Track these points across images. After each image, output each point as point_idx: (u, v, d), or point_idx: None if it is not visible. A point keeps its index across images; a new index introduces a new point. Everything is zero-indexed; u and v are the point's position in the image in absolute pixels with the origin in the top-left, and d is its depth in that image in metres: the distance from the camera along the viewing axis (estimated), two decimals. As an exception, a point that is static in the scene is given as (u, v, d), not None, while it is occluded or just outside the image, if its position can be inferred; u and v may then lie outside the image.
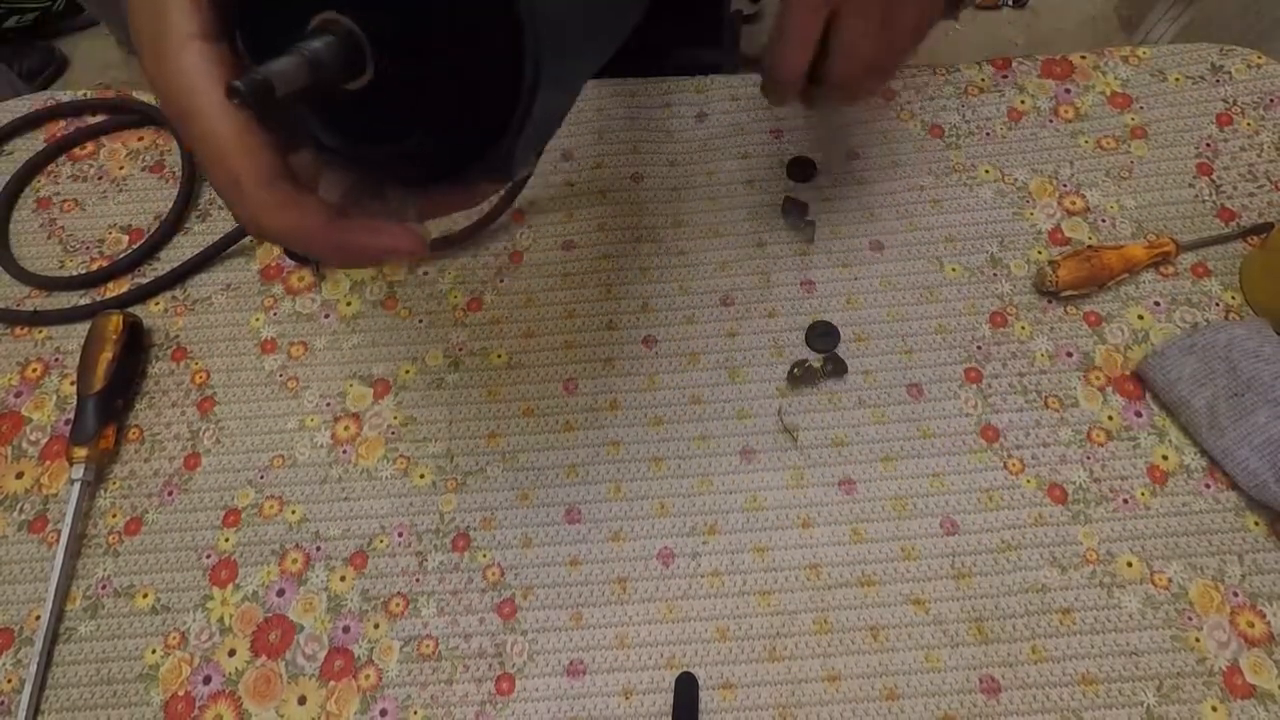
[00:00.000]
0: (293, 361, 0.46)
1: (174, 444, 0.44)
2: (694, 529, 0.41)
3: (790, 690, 0.37)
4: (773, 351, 0.45)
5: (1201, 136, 0.49)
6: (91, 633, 0.40)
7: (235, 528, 0.42)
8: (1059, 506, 0.40)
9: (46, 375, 0.47)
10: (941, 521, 0.40)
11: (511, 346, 0.46)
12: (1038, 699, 0.37)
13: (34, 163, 0.52)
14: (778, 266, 0.47)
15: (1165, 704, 0.36)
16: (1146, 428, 0.42)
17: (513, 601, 0.40)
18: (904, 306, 0.45)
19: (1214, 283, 0.45)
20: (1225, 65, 0.50)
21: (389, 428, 0.44)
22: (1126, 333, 0.44)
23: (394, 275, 0.48)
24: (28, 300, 0.49)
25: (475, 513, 0.42)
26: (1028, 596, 0.39)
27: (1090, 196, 0.48)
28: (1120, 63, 0.51)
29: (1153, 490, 0.40)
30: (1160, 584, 0.38)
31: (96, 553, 0.42)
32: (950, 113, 0.51)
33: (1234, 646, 0.37)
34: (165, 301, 0.49)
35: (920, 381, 0.43)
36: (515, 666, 0.39)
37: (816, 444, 0.42)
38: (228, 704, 0.39)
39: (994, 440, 0.42)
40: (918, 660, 0.38)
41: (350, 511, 0.42)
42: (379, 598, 0.40)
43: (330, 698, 0.38)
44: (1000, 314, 0.45)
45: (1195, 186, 0.47)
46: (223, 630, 0.40)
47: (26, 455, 0.45)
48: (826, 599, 0.39)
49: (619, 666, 0.38)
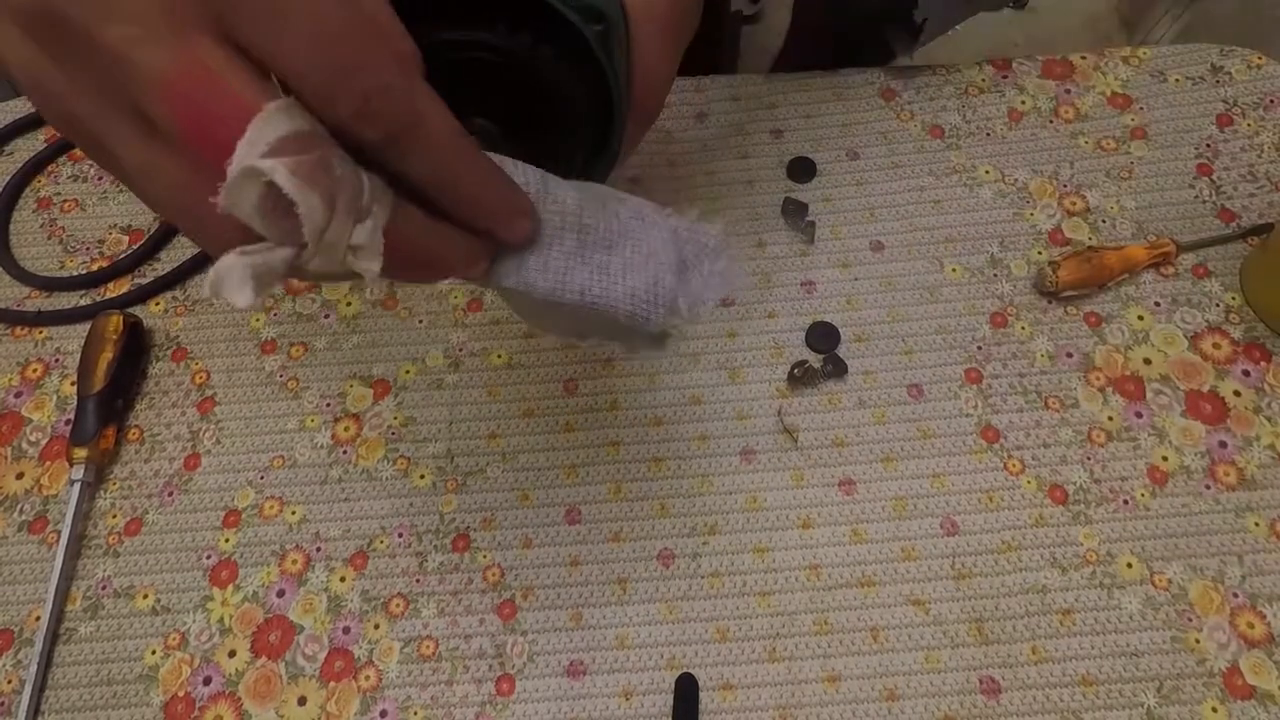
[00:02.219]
0: (293, 362, 0.46)
1: (174, 444, 0.44)
2: (694, 529, 0.41)
3: (790, 691, 0.37)
4: (773, 352, 0.45)
5: (1202, 137, 0.49)
6: (91, 633, 0.40)
7: (235, 528, 0.42)
8: (1059, 507, 0.40)
9: (46, 376, 0.47)
10: (941, 522, 0.40)
11: (511, 347, 0.46)
12: (1038, 700, 0.37)
13: (34, 163, 0.52)
14: (778, 267, 0.47)
15: (1165, 705, 0.36)
16: (1147, 428, 0.42)
17: (513, 602, 0.40)
18: (904, 307, 0.45)
19: (1214, 283, 0.45)
20: (1225, 66, 0.50)
21: (389, 428, 0.44)
22: (1127, 333, 0.44)
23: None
24: (28, 300, 0.49)
25: (475, 513, 0.42)
26: (1028, 597, 0.39)
27: (1090, 197, 0.47)
28: (1120, 63, 0.51)
29: (1153, 491, 0.40)
30: (1160, 585, 0.38)
31: (96, 553, 0.42)
32: (950, 113, 0.51)
33: (1234, 647, 0.37)
34: (165, 302, 0.49)
35: (920, 382, 0.43)
36: (515, 667, 0.39)
37: (816, 444, 0.42)
38: (228, 705, 0.38)
39: (994, 441, 0.42)
40: (918, 661, 0.38)
41: (350, 512, 0.42)
42: (379, 598, 0.40)
43: (330, 698, 0.38)
44: (1000, 314, 0.45)
45: (1195, 187, 0.47)
46: (223, 631, 0.40)
47: (26, 456, 0.45)
48: (826, 600, 0.39)
49: (619, 667, 0.38)
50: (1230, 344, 0.43)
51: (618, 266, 0.25)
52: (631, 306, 0.25)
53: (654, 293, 0.25)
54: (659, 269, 0.25)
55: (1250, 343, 0.43)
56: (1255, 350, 0.43)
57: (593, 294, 0.24)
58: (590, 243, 0.25)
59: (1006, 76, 0.52)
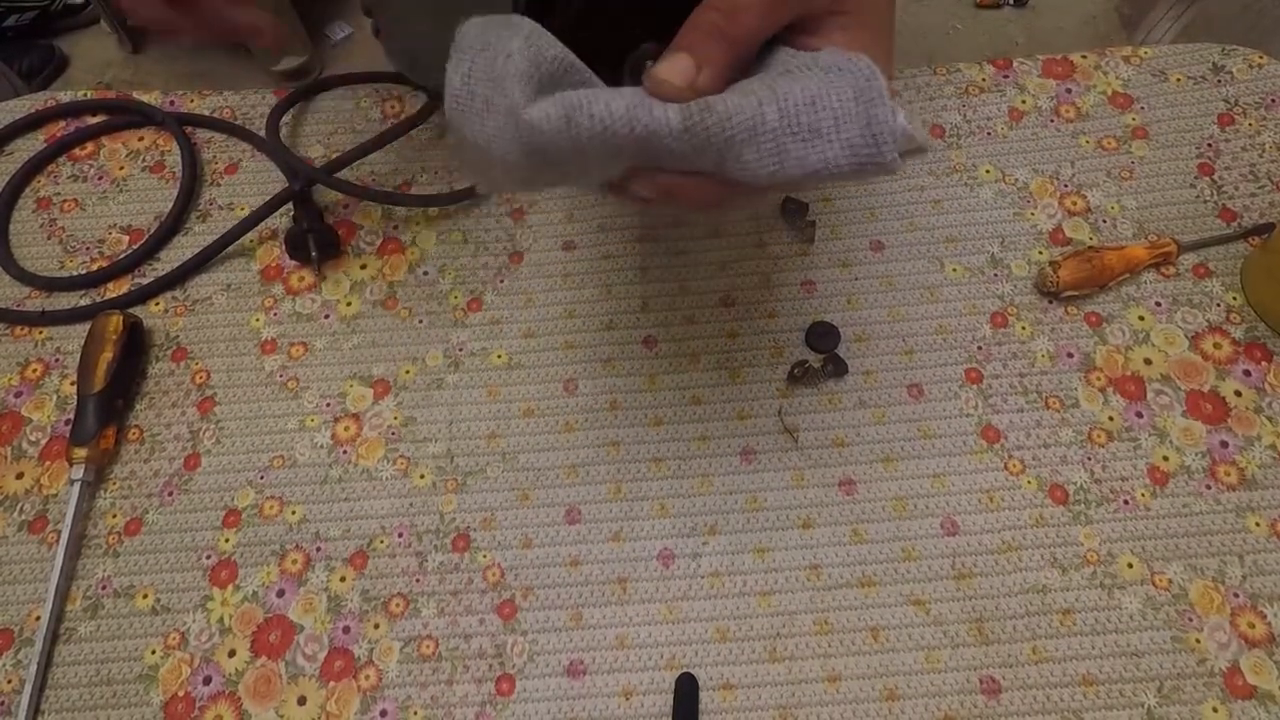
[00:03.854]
0: (293, 362, 0.46)
1: (174, 444, 0.44)
2: (694, 529, 0.41)
3: (790, 691, 0.37)
4: (773, 352, 0.45)
5: (1203, 136, 0.48)
6: (91, 633, 0.40)
7: (235, 528, 0.42)
8: (1059, 507, 0.40)
9: (46, 375, 0.47)
10: (942, 522, 0.40)
11: (511, 346, 0.46)
12: (1038, 700, 0.37)
13: (34, 163, 0.52)
14: (778, 267, 0.47)
15: (1166, 705, 0.36)
16: (1147, 428, 0.42)
17: (513, 602, 0.40)
18: (904, 307, 0.45)
19: (1215, 283, 0.45)
20: (1226, 65, 0.50)
21: (389, 428, 0.44)
22: (1127, 333, 0.44)
23: (393, 275, 0.48)
24: (28, 301, 0.49)
25: (475, 513, 0.42)
26: (1028, 597, 0.38)
27: (1091, 197, 0.47)
28: (1121, 62, 0.51)
29: (1153, 491, 0.40)
30: (1161, 585, 0.38)
31: (96, 553, 0.42)
32: (951, 112, 0.51)
33: (1234, 647, 0.37)
34: (165, 302, 0.48)
35: (921, 382, 0.43)
36: (515, 667, 0.39)
37: (817, 444, 0.42)
38: (228, 704, 0.38)
39: (994, 441, 0.42)
40: (918, 661, 0.38)
41: (350, 512, 0.42)
42: (379, 598, 0.40)
43: (330, 698, 0.38)
44: (1001, 314, 0.45)
45: (1196, 187, 0.47)
46: (223, 631, 0.40)
47: (26, 455, 0.45)
48: (827, 599, 0.39)
49: (619, 667, 0.38)
50: (1231, 344, 0.43)
51: (828, 123, 0.25)
52: (853, 159, 0.25)
53: (871, 134, 0.25)
54: (864, 109, 0.25)
55: (1251, 342, 0.43)
56: (1256, 350, 0.43)
57: (811, 165, 0.25)
58: (790, 112, 0.25)
59: (1007, 76, 0.52)
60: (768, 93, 0.25)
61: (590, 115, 0.24)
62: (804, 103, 0.25)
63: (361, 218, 0.50)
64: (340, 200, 0.51)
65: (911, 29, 1.44)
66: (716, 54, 0.26)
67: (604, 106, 0.24)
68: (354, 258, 0.49)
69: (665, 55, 0.26)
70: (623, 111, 0.24)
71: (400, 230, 0.50)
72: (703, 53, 0.26)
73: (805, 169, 0.25)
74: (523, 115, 0.24)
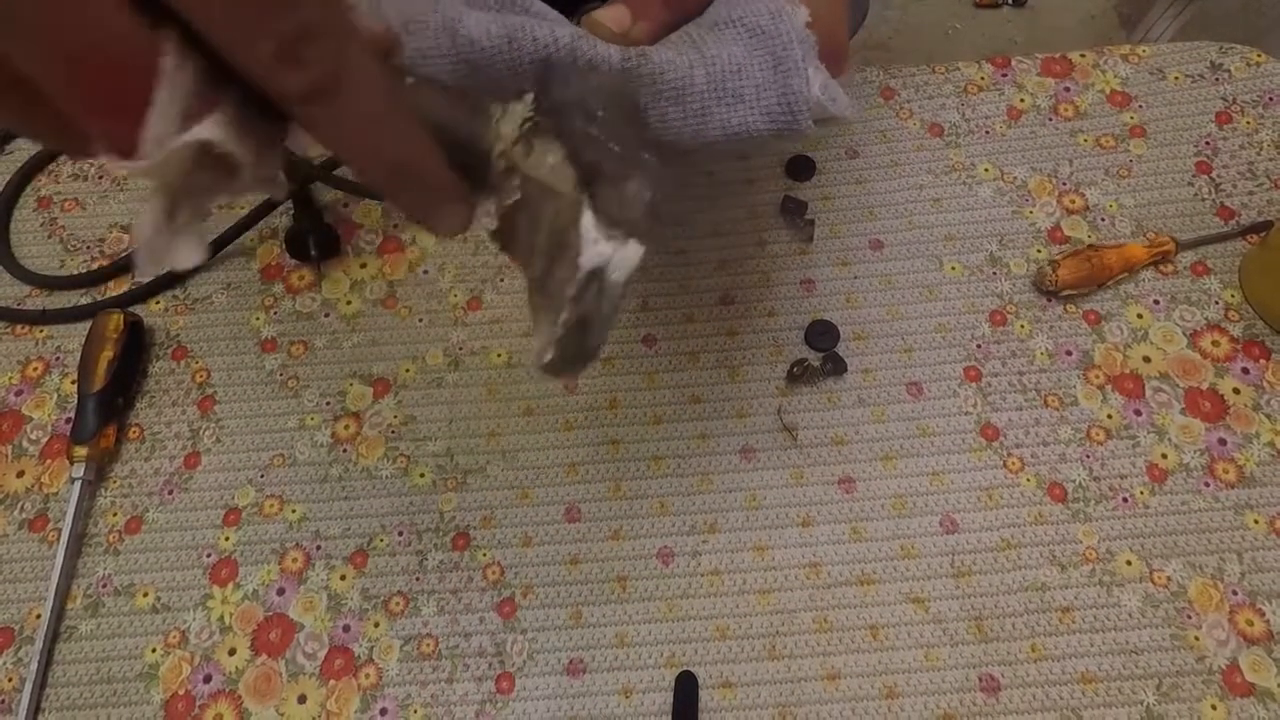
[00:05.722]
0: (293, 360, 0.46)
1: (174, 443, 0.45)
2: (693, 528, 0.41)
3: (790, 689, 0.37)
4: (772, 350, 0.45)
5: (1201, 135, 0.49)
6: (92, 631, 0.40)
7: (235, 527, 0.42)
8: (1058, 505, 0.40)
9: (47, 374, 0.47)
10: (941, 520, 0.40)
11: (511, 346, 0.46)
12: (1037, 697, 0.37)
13: (34, 162, 0.52)
14: (777, 265, 0.47)
15: (1165, 702, 0.36)
16: (1146, 426, 0.42)
17: (512, 600, 0.40)
18: (903, 305, 0.45)
19: (1213, 281, 0.45)
20: (1225, 63, 0.50)
21: (389, 427, 0.44)
22: (1126, 331, 0.44)
23: (393, 274, 0.48)
24: (29, 299, 0.49)
25: (475, 511, 0.42)
26: (1027, 595, 0.39)
27: (1090, 195, 0.48)
28: (1120, 61, 0.51)
29: (1152, 489, 0.40)
30: (1159, 582, 0.39)
31: (97, 551, 0.42)
32: (949, 111, 0.51)
33: (1233, 645, 0.37)
34: (166, 301, 0.49)
35: (920, 380, 0.44)
36: (515, 665, 0.39)
37: (816, 443, 0.42)
38: (228, 703, 0.39)
39: (993, 439, 0.42)
40: (917, 659, 0.38)
41: (350, 510, 0.42)
42: (379, 596, 0.40)
43: (330, 696, 0.38)
44: (1000, 313, 0.45)
45: (1195, 185, 0.47)
46: (223, 629, 0.40)
47: (27, 454, 0.45)
48: (826, 597, 0.39)
49: (619, 665, 0.38)
50: (1229, 341, 0.43)
51: (750, 90, 0.26)
52: (770, 124, 0.26)
53: (788, 103, 0.26)
54: (781, 79, 0.26)
55: (1249, 340, 0.43)
56: (1254, 348, 0.43)
57: (732, 127, 0.26)
58: (717, 77, 0.26)
59: (1006, 74, 0.52)
60: (697, 55, 0.26)
61: (534, 39, 0.24)
62: (730, 69, 0.26)
63: (361, 216, 0.51)
64: (340, 199, 0.51)
65: (910, 28, 1.45)
66: (655, 10, 0.27)
67: (549, 32, 0.25)
68: (354, 257, 0.49)
69: (607, 4, 0.27)
70: (567, 40, 0.25)
71: (400, 229, 0.50)
72: (640, 6, 0.27)
73: (726, 131, 0.27)
74: (460, 28, 0.24)
